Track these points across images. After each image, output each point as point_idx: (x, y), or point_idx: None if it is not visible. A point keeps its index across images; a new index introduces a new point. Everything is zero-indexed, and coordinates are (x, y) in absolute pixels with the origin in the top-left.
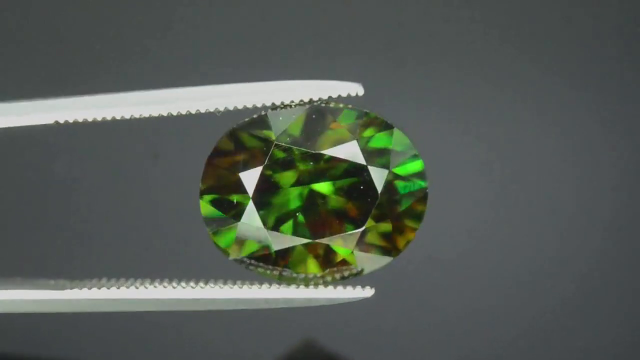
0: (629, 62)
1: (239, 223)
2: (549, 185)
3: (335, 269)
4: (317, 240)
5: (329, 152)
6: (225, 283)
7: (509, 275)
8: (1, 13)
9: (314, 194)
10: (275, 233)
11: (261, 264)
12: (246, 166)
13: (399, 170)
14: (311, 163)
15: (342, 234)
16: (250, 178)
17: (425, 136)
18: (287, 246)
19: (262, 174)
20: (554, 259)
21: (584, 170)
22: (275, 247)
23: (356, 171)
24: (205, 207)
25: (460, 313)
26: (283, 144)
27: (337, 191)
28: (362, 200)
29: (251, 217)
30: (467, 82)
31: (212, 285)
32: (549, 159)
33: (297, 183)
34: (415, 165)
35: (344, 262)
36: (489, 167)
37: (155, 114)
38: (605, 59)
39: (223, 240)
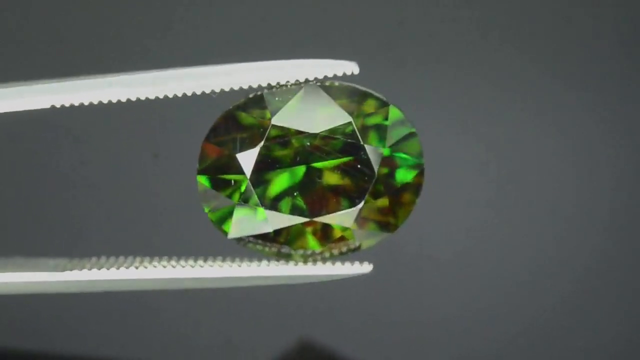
0: (629, 62)
1: (236, 202)
2: (548, 185)
3: (333, 244)
4: (315, 219)
5: (326, 130)
6: (223, 261)
7: (508, 274)
8: (1, 13)
9: (311, 173)
10: (273, 212)
11: (259, 241)
12: (243, 146)
13: (395, 147)
14: (308, 142)
15: (339, 212)
16: (247, 158)
17: (424, 135)
18: (285, 225)
19: (259, 154)
20: (553, 259)
21: (583, 170)
22: (274, 226)
23: (353, 149)
24: (203, 187)
25: (458, 312)
26: (280, 123)
27: (334, 169)
28: (359, 178)
29: (249, 197)
30: (466, 82)
31: (210, 263)
32: (548, 158)
33: (294, 162)
34: (411, 141)
35: (342, 238)
36: (488, 167)
37: (151, 96)
38: (605, 59)
39: (221, 219)
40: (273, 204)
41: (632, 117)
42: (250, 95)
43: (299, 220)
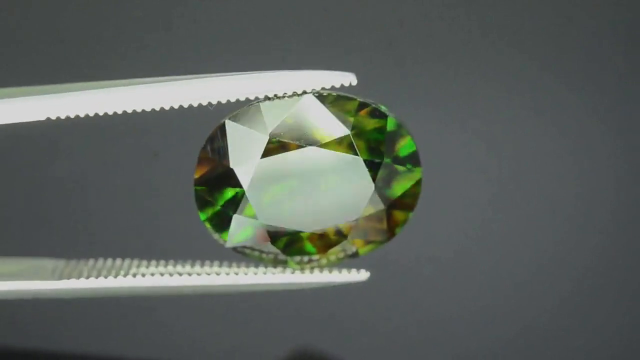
0: (629, 62)
1: (233, 213)
2: (547, 185)
3: (330, 252)
4: (312, 230)
5: (323, 142)
6: (221, 267)
7: (507, 274)
8: None
9: (308, 185)
10: (269, 223)
11: (257, 248)
12: (240, 158)
13: (392, 156)
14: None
15: (337, 222)
16: (244, 169)
17: (424, 135)
18: (282, 236)
19: (256, 165)
20: (553, 259)
21: (583, 170)
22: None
23: (350, 160)
24: (200, 197)
25: (457, 312)
26: (277, 135)
27: (332, 181)
28: (356, 189)
29: (245, 207)
30: (466, 82)
31: (208, 270)
32: (548, 158)
33: (291, 174)
34: (409, 150)
35: (339, 246)
36: (488, 166)
37: (147, 108)
38: (605, 59)
39: (218, 228)
40: (270, 215)
41: (632, 117)
42: (248, 107)
43: (296, 230)
